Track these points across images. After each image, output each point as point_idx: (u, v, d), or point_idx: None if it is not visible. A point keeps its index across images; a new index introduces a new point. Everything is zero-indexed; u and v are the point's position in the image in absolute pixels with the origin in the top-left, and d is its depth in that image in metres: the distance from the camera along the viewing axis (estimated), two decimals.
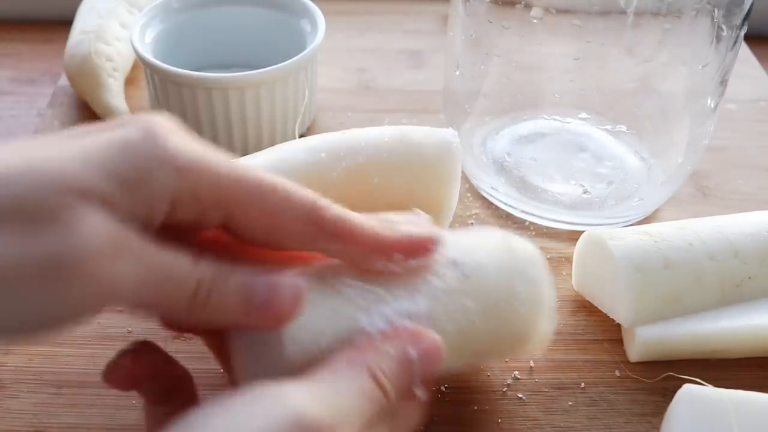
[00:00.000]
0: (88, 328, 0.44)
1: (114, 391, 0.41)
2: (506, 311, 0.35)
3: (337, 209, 0.32)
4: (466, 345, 0.35)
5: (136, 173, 0.27)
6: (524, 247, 0.37)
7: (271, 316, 0.30)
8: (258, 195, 0.30)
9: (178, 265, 0.29)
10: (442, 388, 0.42)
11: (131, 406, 0.41)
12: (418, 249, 0.33)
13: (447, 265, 0.35)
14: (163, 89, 0.55)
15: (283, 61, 0.54)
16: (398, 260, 0.33)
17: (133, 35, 0.57)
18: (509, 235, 0.38)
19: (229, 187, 0.29)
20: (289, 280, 0.30)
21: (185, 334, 0.43)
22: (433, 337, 0.32)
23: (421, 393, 0.32)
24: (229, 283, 0.29)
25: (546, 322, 0.37)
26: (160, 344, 0.43)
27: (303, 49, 0.56)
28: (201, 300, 0.29)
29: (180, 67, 0.54)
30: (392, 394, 0.30)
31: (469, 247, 0.36)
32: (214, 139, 0.56)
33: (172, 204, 0.29)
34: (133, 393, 0.41)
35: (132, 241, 0.27)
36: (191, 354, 0.43)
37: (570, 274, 0.48)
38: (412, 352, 0.31)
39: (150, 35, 0.58)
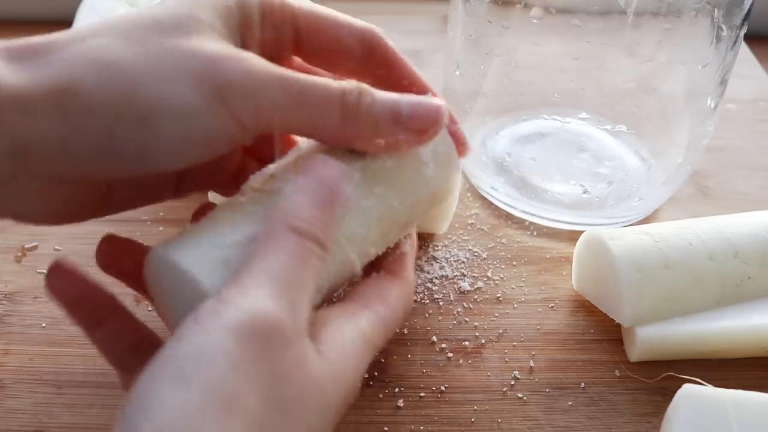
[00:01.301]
0: None
1: (114, 391, 0.41)
2: (414, 179, 0.35)
3: (390, 43, 0.36)
4: (392, 220, 0.35)
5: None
6: None
7: (417, 128, 0.32)
8: (322, 14, 0.35)
9: (317, 81, 0.31)
10: (442, 388, 0.42)
11: None
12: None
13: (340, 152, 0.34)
14: None
15: None
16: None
17: None
18: None
19: (297, 6, 0.34)
20: (430, 98, 0.33)
21: None
22: (322, 157, 0.32)
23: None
24: (375, 94, 0.32)
25: (455, 168, 0.37)
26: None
27: None
28: (351, 110, 0.31)
29: None
30: (321, 233, 0.30)
31: None
32: None
33: (262, 23, 0.33)
34: None
35: (271, 66, 0.30)
36: None
37: (570, 274, 0.48)
38: (313, 183, 0.31)
39: None
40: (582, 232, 0.46)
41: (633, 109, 0.55)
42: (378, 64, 0.36)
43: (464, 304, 0.47)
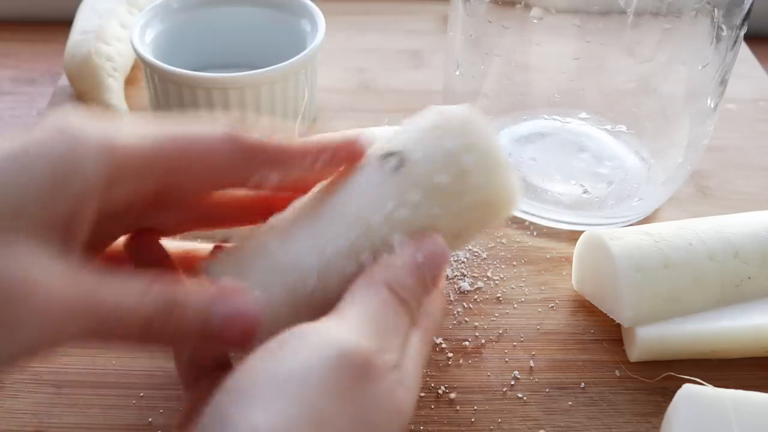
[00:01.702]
0: None
1: (114, 391, 0.41)
2: (457, 188, 0.33)
3: (253, 133, 0.32)
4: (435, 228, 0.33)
5: (62, 169, 0.27)
6: (455, 114, 0.34)
7: (227, 343, 0.30)
8: (182, 142, 0.30)
9: (123, 301, 0.28)
10: (442, 388, 0.42)
11: (131, 405, 0.41)
12: (345, 147, 0.34)
13: (375, 165, 0.34)
14: (163, 89, 0.55)
15: (283, 61, 0.54)
16: (330, 160, 0.34)
17: (133, 35, 0.57)
18: (440, 110, 0.35)
19: (154, 148, 0.29)
20: (244, 308, 0.30)
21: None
22: (434, 237, 0.33)
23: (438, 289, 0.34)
24: (185, 311, 0.29)
25: (505, 177, 0.35)
26: None
27: (303, 49, 0.56)
28: (155, 330, 0.28)
29: (180, 67, 0.54)
30: (414, 303, 0.32)
31: (401, 138, 0.35)
32: None
33: (107, 186, 0.28)
34: (133, 393, 0.41)
35: (74, 280, 0.27)
36: None
37: (570, 274, 0.48)
38: (419, 257, 0.32)
39: (150, 35, 0.58)
40: (582, 232, 0.46)
41: (633, 109, 0.55)
42: (262, 164, 0.32)
43: (464, 304, 0.47)
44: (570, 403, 0.42)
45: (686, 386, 0.37)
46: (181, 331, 0.29)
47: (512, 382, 0.43)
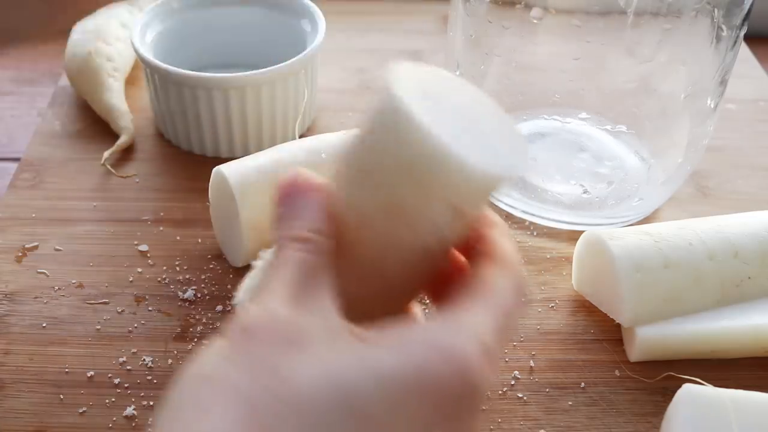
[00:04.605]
0: (88, 328, 0.45)
1: (114, 391, 0.41)
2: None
3: None
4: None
5: None
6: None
7: None
8: None
9: None
10: None
11: (132, 406, 0.41)
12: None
13: None
14: (163, 89, 0.55)
15: (283, 61, 0.54)
16: None
17: (133, 35, 0.57)
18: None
19: None
20: None
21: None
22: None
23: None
24: None
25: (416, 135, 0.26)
26: (161, 344, 0.44)
27: (303, 49, 0.56)
28: None
29: (180, 67, 0.54)
30: (299, 233, 0.28)
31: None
32: (214, 139, 0.56)
33: None
34: (134, 393, 0.41)
35: None
36: (192, 353, 0.43)
37: (570, 274, 0.48)
38: (279, 190, 0.30)
39: (150, 35, 0.58)
40: (582, 232, 0.46)
41: (633, 109, 0.55)
42: None
43: None
44: (570, 403, 0.42)
45: (686, 386, 0.37)
46: None
47: (512, 382, 0.43)
